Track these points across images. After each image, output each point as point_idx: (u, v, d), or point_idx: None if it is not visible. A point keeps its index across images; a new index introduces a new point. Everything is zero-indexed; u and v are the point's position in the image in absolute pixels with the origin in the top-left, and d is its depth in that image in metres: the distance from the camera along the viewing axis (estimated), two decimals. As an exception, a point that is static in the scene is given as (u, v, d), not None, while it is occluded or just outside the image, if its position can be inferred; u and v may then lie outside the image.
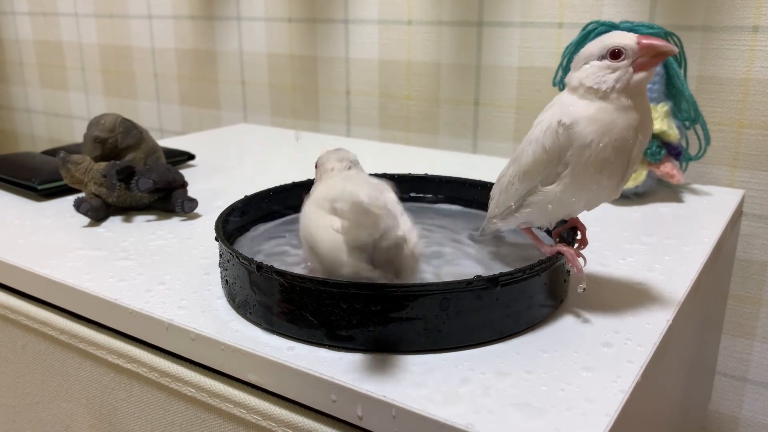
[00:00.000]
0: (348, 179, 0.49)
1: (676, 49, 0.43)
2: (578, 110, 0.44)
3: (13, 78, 1.68)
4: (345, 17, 1.07)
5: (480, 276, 0.41)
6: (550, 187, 0.45)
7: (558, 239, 0.50)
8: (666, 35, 0.72)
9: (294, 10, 1.13)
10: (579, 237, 0.49)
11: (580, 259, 0.46)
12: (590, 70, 0.44)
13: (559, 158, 0.44)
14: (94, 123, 0.69)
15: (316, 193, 0.47)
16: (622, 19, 0.78)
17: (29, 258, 0.56)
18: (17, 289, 0.57)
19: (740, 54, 0.78)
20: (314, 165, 0.54)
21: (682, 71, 0.73)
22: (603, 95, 0.43)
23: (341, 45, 1.09)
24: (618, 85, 0.43)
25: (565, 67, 0.77)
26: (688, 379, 0.61)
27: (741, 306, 0.83)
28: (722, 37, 0.79)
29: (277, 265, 0.43)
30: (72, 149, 0.77)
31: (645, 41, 0.43)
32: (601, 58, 0.44)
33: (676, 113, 0.74)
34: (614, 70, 0.43)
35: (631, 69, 0.43)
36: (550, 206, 0.46)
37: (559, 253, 0.45)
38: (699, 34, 0.80)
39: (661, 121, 0.70)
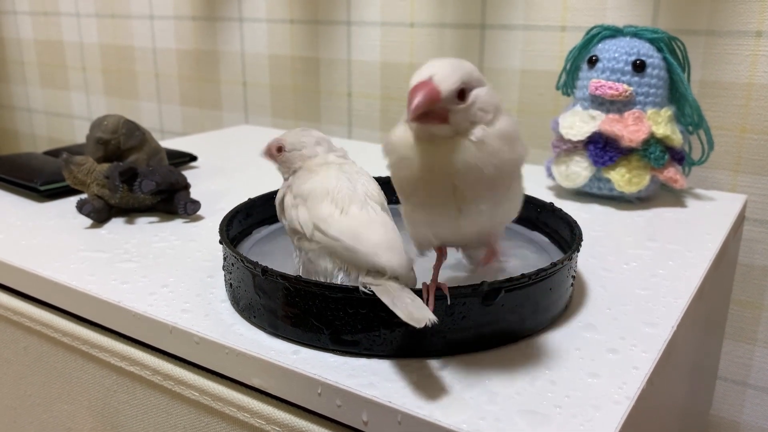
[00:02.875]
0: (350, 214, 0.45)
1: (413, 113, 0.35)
2: (396, 131, 0.39)
3: (14, 77, 1.68)
4: (347, 19, 1.07)
5: (486, 281, 0.41)
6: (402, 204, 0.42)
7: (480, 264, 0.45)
8: (669, 40, 0.72)
9: (296, 11, 1.13)
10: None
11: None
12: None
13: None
14: (96, 124, 0.69)
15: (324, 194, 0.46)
16: (625, 24, 0.78)
17: (31, 259, 0.56)
18: (19, 290, 0.57)
19: (743, 59, 0.78)
20: (271, 149, 0.52)
21: (685, 76, 0.73)
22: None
23: (343, 47, 1.09)
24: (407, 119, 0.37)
25: (569, 71, 0.77)
26: (691, 384, 0.61)
27: (742, 311, 0.83)
28: (725, 42, 0.79)
29: (282, 269, 0.43)
30: (74, 150, 0.77)
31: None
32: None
33: (679, 118, 0.74)
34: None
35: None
36: (407, 223, 0.42)
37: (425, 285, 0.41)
38: (702, 38, 0.80)
39: (664, 125, 0.70)
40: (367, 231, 0.43)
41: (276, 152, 0.52)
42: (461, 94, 0.36)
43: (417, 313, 0.37)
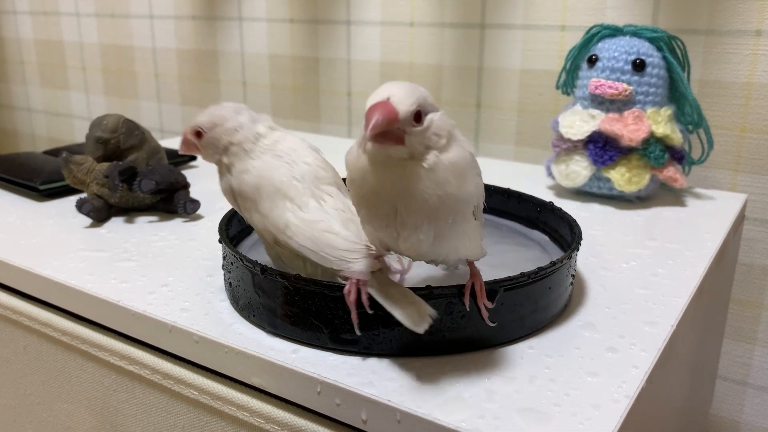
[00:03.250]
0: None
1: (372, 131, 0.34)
2: (351, 152, 0.39)
3: (14, 77, 1.68)
4: (347, 18, 1.07)
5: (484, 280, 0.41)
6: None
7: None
8: (669, 39, 0.72)
9: (296, 10, 1.13)
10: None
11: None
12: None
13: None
14: (96, 123, 0.69)
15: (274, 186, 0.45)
16: (625, 23, 0.78)
17: (31, 259, 0.56)
18: (19, 289, 0.57)
19: (743, 58, 0.78)
20: (189, 139, 0.48)
21: (685, 75, 0.73)
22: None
23: (343, 46, 1.09)
24: (361, 143, 0.36)
25: (568, 70, 0.77)
26: (691, 383, 0.61)
27: (742, 310, 0.83)
28: (725, 41, 0.79)
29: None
30: (74, 149, 0.77)
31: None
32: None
33: (679, 117, 0.74)
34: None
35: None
36: (367, 232, 0.42)
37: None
38: (702, 37, 0.80)
39: (664, 124, 0.70)
40: (328, 237, 0.42)
41: (196, 138, 0.48)
42: (417, 116, 0.36)
43: (416, 315, 0.38)
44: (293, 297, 0.42)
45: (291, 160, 0.46)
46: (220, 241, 0.48)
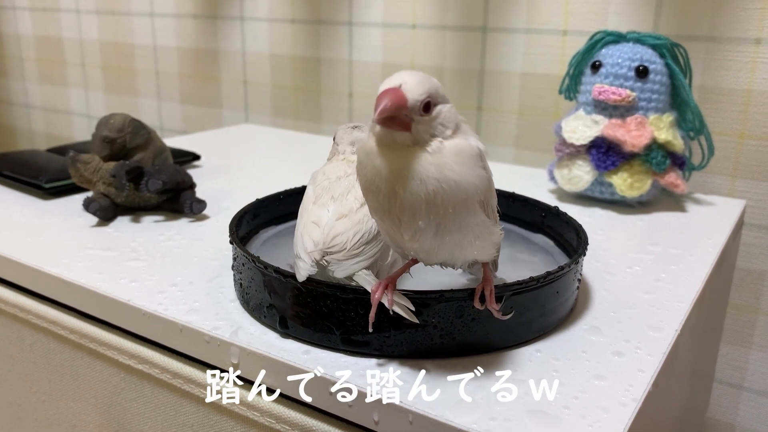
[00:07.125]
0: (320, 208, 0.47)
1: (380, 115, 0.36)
2: (366, 139, 0.40)
3: (13, 73, 1.68)
4: (349, 19, 1.08)
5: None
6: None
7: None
8: (672, 46, 0.73)
9: (297, 11, 1.13)
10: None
11: (390, 302, 0.40)
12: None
13: None
14: (103, 123, 0.69)
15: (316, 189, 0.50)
16: (626, 28, 0.79)
17: (39, 257, 0.56)
18: (26, 287, 0.57)
19: (743, 65, 0.79)
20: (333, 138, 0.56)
21: (687, 82, 0.74)
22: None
23: (344, 47, 1.10)
24: (371, 126, 0.38)
25: (572, 76, 0.78)
26: (691, 386, 0.61)
27: (738, 314, 0.84)
28: (725, 48, 0.80)
29: (289, 269, 0.43)
30: (80, 148, 0.77)
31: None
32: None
33: (681, 123, 0.75)
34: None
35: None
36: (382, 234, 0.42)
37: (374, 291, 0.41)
38: (703, 44, 0.81)
39: (666, 131, 0.71)
40: (303, 237, 0.45)
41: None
42: (426, 106, 0.37)
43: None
44: (305, 298, 0.42)
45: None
46: (231, 242, 0.49)
